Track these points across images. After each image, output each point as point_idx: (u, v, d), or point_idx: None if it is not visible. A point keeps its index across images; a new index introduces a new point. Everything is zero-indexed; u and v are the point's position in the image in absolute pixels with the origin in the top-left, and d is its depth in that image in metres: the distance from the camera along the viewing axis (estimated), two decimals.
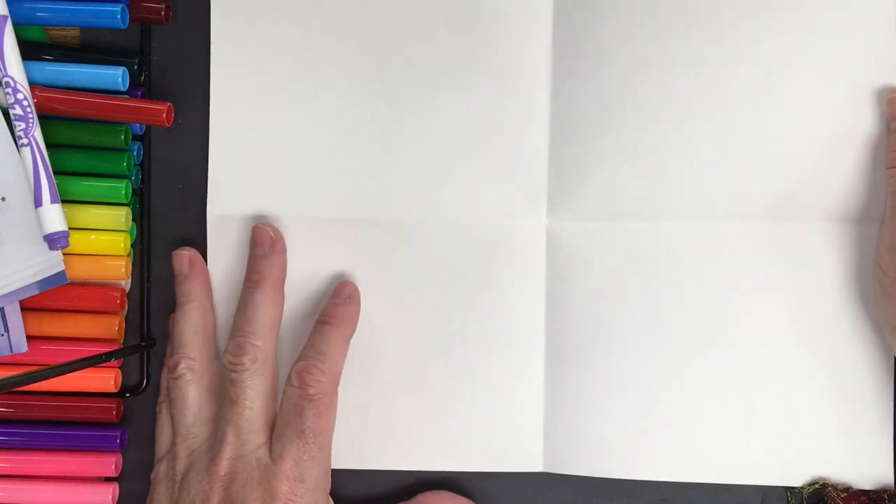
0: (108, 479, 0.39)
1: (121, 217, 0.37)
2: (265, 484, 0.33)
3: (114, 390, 0.38)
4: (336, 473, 0.36)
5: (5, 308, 0.36)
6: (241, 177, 0.38)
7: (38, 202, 0.34)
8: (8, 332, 0.37)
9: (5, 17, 0.34)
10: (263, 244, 0.37)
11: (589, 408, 0.37)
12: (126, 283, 0.39)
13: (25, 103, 0.34)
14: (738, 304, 0.37)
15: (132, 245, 0.39)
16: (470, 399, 0.38)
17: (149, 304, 0.39)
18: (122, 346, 0.38)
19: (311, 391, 0.34)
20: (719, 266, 0.37)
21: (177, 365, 0.36)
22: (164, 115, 0.36)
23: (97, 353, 0.36)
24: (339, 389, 0.36)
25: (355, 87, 0.38)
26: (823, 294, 0.37)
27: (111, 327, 0.38)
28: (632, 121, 0.37)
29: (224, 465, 0.34)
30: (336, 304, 0.37)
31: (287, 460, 0.33)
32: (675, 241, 0.37)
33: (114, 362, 0.38)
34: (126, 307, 0.39)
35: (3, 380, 0.31)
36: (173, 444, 0.36)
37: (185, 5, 0.38)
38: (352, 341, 0.38)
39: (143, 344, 0.39)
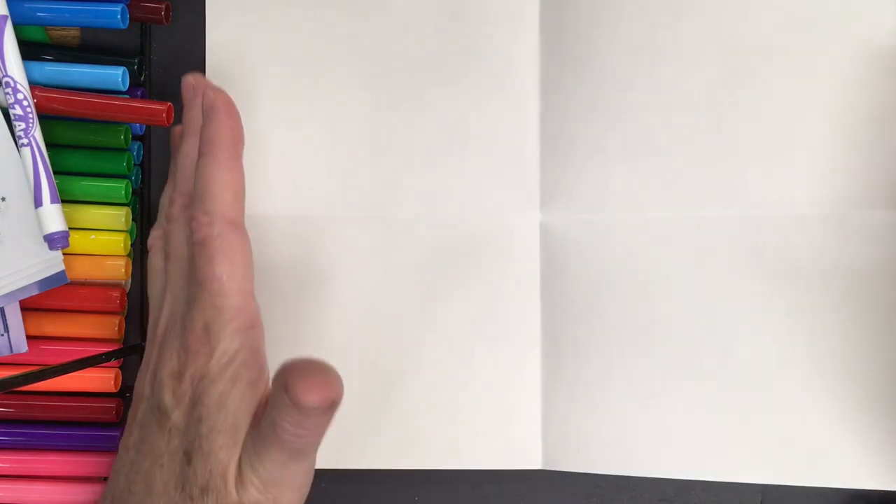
0: (108, 479, 0.39)
1: (121, 217, 0.37)
2: (181, 339, 0.32)
3: (114, 390, 0.38)
4: (330, 473, 0.36)
5: (5, 308, 0.36)
6: None
7: (38, 202, 0.34)
8: (8, 332, 0.37)
9: (5, 17, 0.34)
10: (207, 109, 0.35)
11: (586, 403, 0.37)
12: (126, 283, 0.39)
13: (25, 103, 0.34)
14: (735, 297, 0.37)
15: (132, 245, 0.39)
16: (466, 397, 0.38)
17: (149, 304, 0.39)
18: (122, 346, 0.38)
19: (198, 236, 0.32)
20: (715, 257, 0.37)
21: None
22: (164, 115, 0.36)
23: (97, 353, 0.36)
24: None
25: (348, 87, 0.38)
26: (821, 287, 0.37)
27: (111, 327, 0.38)
28: (622, 113, 0.37)
29: (161, 326, 0.33)
30: (212, 124, 0.34)
31: (195, 313, 0.31)
32: (670, 233, 0.37)
33: (114, 362, 0.38)
34: (126, 307, 0.39)
35: (3, 380, 0.31)
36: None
37: (185, 5, 0.39)
38: (346, 338, 0.37)
39: (143, 344, 0.39)
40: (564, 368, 0.38)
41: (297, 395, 0.28)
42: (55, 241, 0.34)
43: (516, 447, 0.38)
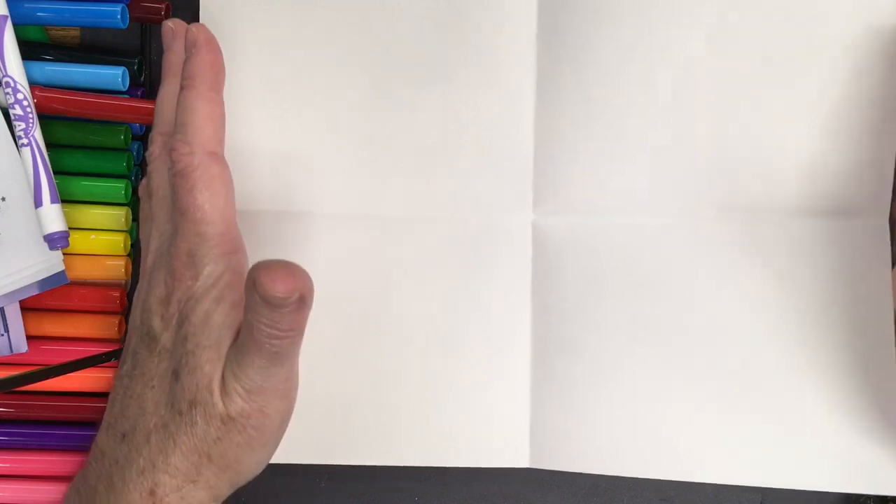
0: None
1: (121, 217, 0.37)
2: (167, 266, 0.33)
3: None
4: (320, 469, 0.36)
5: (5, 308, 0.36)
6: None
7: (38, 202, 0.34)
8: (8, 332, 0.37)
9: (5, 17, 0.34)
10: (189, 45, 0.36)
11: (575, 403, 0.37)
12: (126, 283, 0.39)
13: (25, 103, 0.34)
14: (727, 301, 0.37)
15: (132, 245, 0.39)
16: (455, 394, 0.38)
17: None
18: (122, 346, 0.38)
19: (178, 166, 0.33)
20: (707, 261, 0.37)
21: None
22: None
23: (97, 353, 0.36)
24: (323, 383, 0.36)
25: (344, 85, 0.38)
26: (816, 290, 0.37)
27: (111, 327, 0.38)
28: (616, 116, 0.37)
29: (149, 261, 0.34)
30: (193, 58, 0.35)
31: (179, 241, 0.33)
32: (662, 236, 0.37)
33: (114, 362, 0.38)
34: (126, 307, 0.39)
35: (3, 380, 0.31)
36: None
37: (185, 5, 0.39)
38: (335, 335, 0.37)
39: None
40: (554, 368, 0.38)
41: (264, 288, 0.28)
42: (55, 241, 0.34)
43: (504, 445, 0.38)
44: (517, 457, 0.38)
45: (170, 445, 0.31)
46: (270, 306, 0.29)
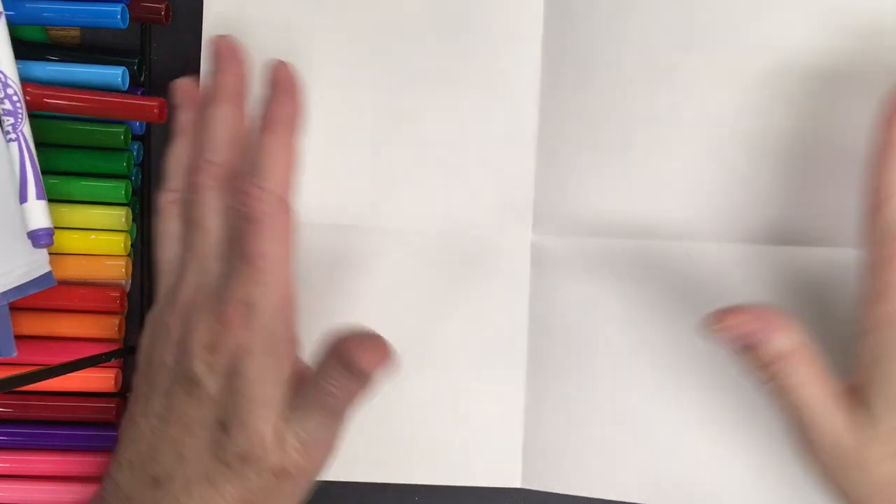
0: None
1: (121, 217, 0.37)
2: (216, 310, 0.31)
3: (114, 390, 0.38)
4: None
5: None
6: None
7: (22, 198, 0.34)
8: None
9: None
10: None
11: (569, 424, 0.37)
12: (126, 283, 0.39)
13: (15, 98, 0.34)
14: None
15: (132, 245, 0.39)
16: (448, 411, 0.38)
17: (149, 304, 0.39)
18: (122, 346, 0.38)
19: (247, 210, 0.32)
20: (705, 285, 0.37)
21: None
22: (157, 111, 0.36)
23: (97, 353, 0.36)
24: None
25: (345, 96, 0.38)
26: (813, 318, 0.35)
27: (111, 327, 0.38)
28: (619, 137, 0.37)
29: (184, 294, 0.33)
30: (278, 102, 0.34)
31: (236, 287, 0.31)
32: (660, 259, 0.37)
33: (114, 362, 0.38)
34: (126, 307, 0.39)
35: (3, 380, 0.31)
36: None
37: (185, 5, 0.38)
38: None
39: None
40: (549, 388, 0.37)
41: (353, 361, 0.30)
42: (39, 237, 0.34)
43: (496, 464, 0.38)
44: (509, 477, 0.38)
45: (215, 498, 0.30)
46: (351, 375, 0.30)
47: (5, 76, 0.34)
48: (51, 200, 0.35)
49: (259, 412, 0.31)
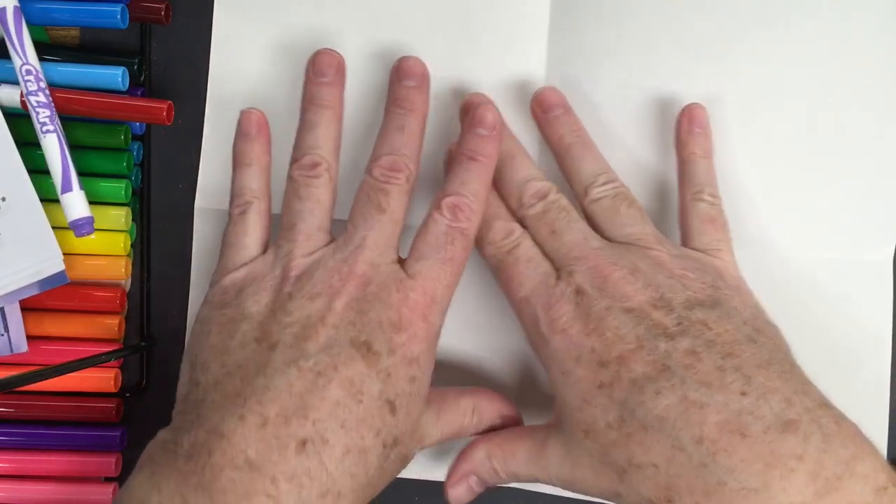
0: (108, 479, 0.39)
1: (121, 217, 0.37)
2: (403, 292, 0.32)
3: (114, 390, 0.38)
4: None
5: (5, 308, 0.36)
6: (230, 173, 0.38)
7: (66, 187, 0.34)
8: (8, 332, 0.37)
9: (19, 10, 0.34)
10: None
11: None
12: (126, 283, 0.39)
13: (47, 91, 0.34)
14: None
15: (132, 245, 0.39)
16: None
17: (149, 304, 0.39)
18: (122, 346, 0.38)
19: (463, 226, 0.33)
20: None
21: (316, 165, 0.34)
22: (165, 113, 0.36)
23: (97, 353, 0.36)
24: None
25: (351, 92, 0.38)
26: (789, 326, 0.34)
27: (111, 327, 0.38)
28: (621, 145, 0.37)
29: (360, 267, 0.32)
30: (482, 136, 0.34)
31: (427, 278, 0.32)
32: None
33: (114, 362, 0.38)
34: (126, 307, 0.39)
35: (3, 380, 0.31)
36: (279, 245, 0.34)
37: (185, 5, 0.38)
38: None
39: (143, 344, 0.39)
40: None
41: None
42: (81, 226, 0.34)
43: None
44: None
45: (360, 472, 0.30)
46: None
47: (36, 70, 0.34)
48: (51, 200, 0.35)
49: (419, 405, 0.33)
